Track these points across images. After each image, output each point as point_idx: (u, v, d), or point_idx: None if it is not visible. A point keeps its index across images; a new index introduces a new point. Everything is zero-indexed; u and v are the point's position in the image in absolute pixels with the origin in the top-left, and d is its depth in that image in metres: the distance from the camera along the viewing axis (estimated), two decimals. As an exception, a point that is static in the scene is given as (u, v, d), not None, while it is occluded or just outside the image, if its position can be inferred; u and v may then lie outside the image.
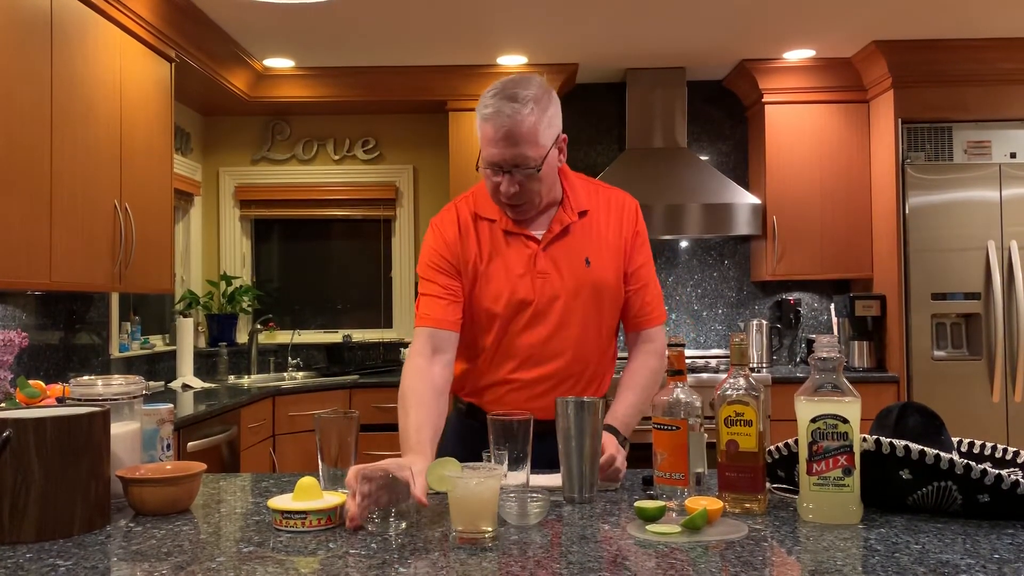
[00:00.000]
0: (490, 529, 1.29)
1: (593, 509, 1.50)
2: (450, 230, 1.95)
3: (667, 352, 1.57)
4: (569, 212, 1.94)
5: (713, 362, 4.90)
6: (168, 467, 1.58)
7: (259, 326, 5.05)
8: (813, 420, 1.39)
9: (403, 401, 1.79)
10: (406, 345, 5.12)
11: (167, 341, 4.83)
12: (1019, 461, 1.55)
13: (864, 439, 1.40)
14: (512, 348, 1.92)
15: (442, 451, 2.05)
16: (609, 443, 1.71)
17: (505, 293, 1.90)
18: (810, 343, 5.09)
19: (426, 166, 5.33)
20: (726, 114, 5.28)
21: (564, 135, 1.91)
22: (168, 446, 1.71)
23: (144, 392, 1.65)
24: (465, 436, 2.02)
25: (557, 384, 1.92)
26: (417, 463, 1.53)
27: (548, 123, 1.84)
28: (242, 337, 5.22)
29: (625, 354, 2.03)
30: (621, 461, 1.70)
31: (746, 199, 4.76)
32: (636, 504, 1.40)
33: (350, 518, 1.38)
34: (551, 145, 1.85)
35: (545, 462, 1.78)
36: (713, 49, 4.67)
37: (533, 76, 1.89)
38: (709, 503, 1.36)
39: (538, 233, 1.93)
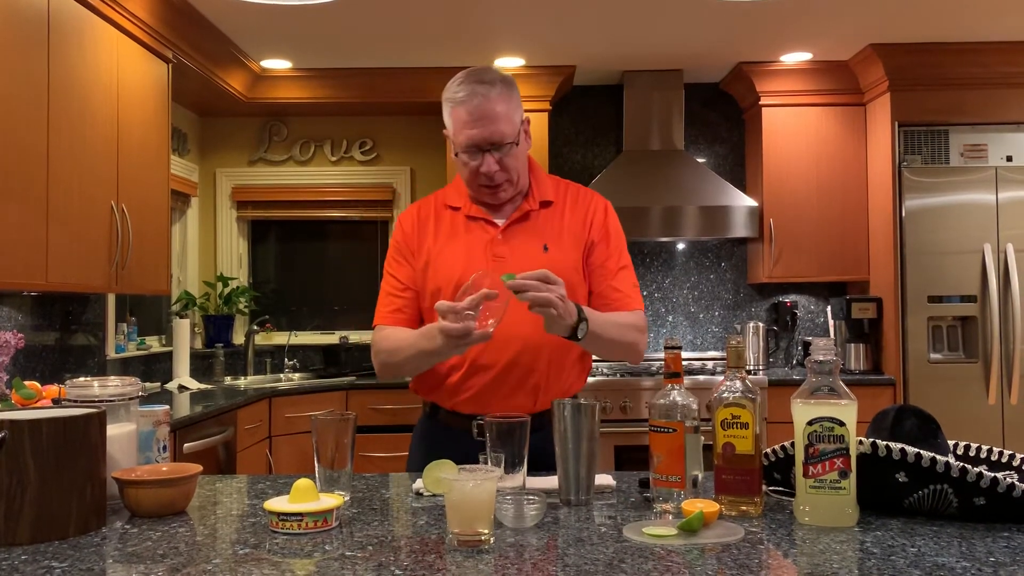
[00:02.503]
0: (486, 531, 1.28)
1: (590, 512, 1.50)
2: (408, 221, 2.04)
3: (664, 354, 1.57)
4: (531, 201, 1.99)
5: (710, 364, 4.90)
6: (164, 469, 1.58)
7: (256, 327, 5.05)
8: (809, 423, 1.39)
9: (389, 345, 1.94)
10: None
11: (163, 342, 4.82)
12: (1015, 464, 1.55)
13: (860, 442, 1.40)
14: None
15: (411, 456, 2.06)
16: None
17: (456, 276, 1.90)
18: (807, 345, 5.09)
19: (423, 168, 5.33)
20: (723, 116, 5.28)
21: (527, 118, 1.97)
22: (164, 447, 1.71)
23: (140, 393, 1.65)
24: (428, 438, 2.03)
25: (507, 375, 1.90)
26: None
27: (515, 104, 1.92)
28: (239, 338, 5.22)
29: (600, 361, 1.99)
30: (555, 294, 1.66)
31: (743, 201, 4.77)
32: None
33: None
34: (520, 125, 1.93)
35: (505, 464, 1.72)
36: (710, 52, 4.67)
37: (491, 67, 1.98)
38: (705, 506, 1.36)
39: (500, 220, 1.98)
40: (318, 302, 5.40)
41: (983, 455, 1.60)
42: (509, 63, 4.76)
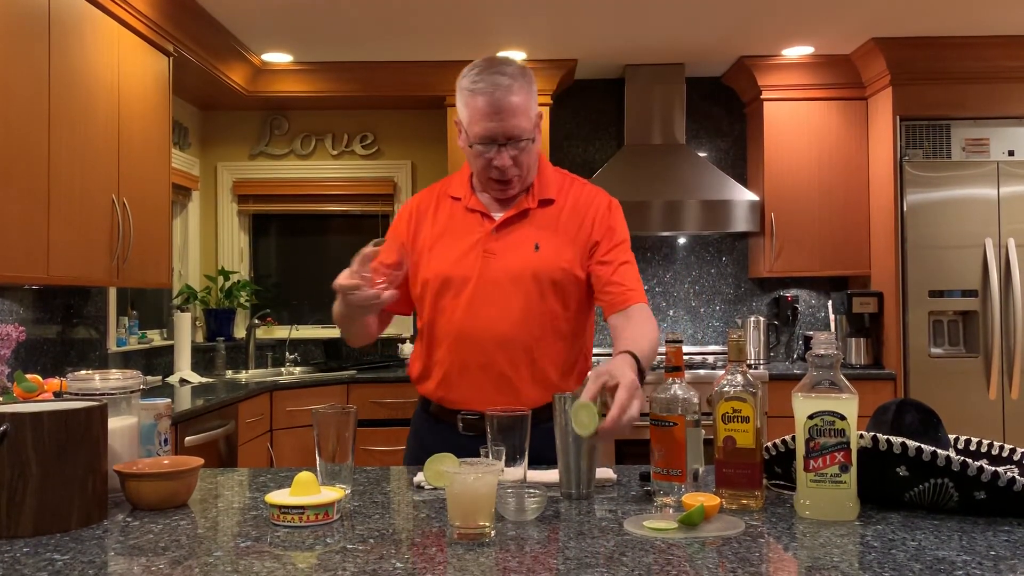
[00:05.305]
0: (487, 524, 1.29)
1: (590, 505, 1.51)
2: (405, 214, 2.04)
3: (665, 348, 1.57)
4: (530, 199, 1.95)
5: (711, 358, 4.90)
6: (165, 462, 1.58)
7: (257, 321, 5.05)
8: (810, 416, 1.39)
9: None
10: (404, 340, 5.13)
11: (165, 336, 4.82)
12: (1015, 458, 1.55)
13: (861, 436, 1.40)
14: (448, 327, 1.91)
15: (407, 448, 2.07)
16: (621, 374, 1.53)
17: (446, 267, 1.91)
18: (807, 340, 5.09)
19: (424, 161, 5.33)
20: (725, 111, 5.28)
21: (540, 112, 1.94)
22: (166, 441, 1.71)
23: (142, 387, 1.65)
24: (420, 431, 2.04)
25: (484, 374, 1.88)
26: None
27: (533, 98, 1.89)
28: (240, 332, 5.22)
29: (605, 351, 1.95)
30: (638, 408, 1.49)
31: (744, 196, 4.77)
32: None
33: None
34: (535, 120, 1.89)
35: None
36: (712, 45, 4.66)
37: (508, 57, 1.92)
38: (706, 499, 1.36)
39: (497, 215, 1.95)
40: (319, 296, 5.40)
41: (984, 449, 1.60)
42: (511, 56, 4.75)
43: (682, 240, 5.26)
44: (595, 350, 1.95)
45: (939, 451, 1.35)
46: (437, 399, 1.98)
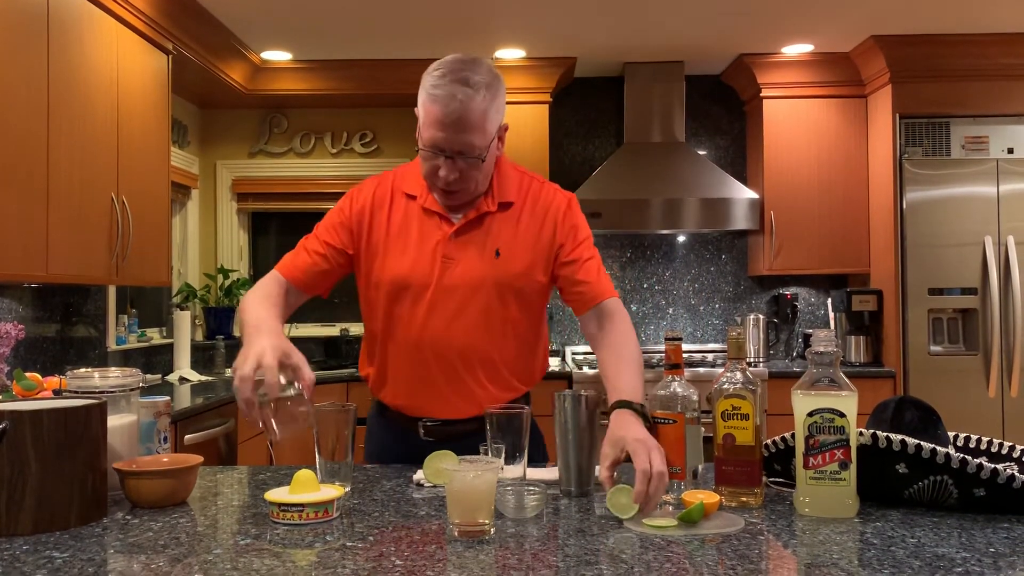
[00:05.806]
0: (487, 522, 1.29)
1: (590, 502, 1.50)
2: (360, 200, 1.90)
3: (664, 346, 1.57)
4: (489, 202, 1.86)
5: (710, 356, 4.90)
6: (165, 460, 1.58)
7: (256, 319, 5.04)
8: (810, 414, 1.39)
9: (247, 301, 1.78)
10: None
11: (164, 334, 4.82)
12: (1015, 456, 1.56)
13: (860, 433, 1.40)
14: (406, 335, 1.85)
15: (367, 451, 2.06)
16: (630, 437, 1.46)
17: (402, 272, 1.84)
18: (807, 337, 5.09)
19: (424, 160, 5.32)
20: (724, 108, 5.27)
21: (506, 124, 1.84)
22: (165, 439, 1.71)
23: (141, 385, 1.65)
24: (378, 434, 2.02)
25: (444, 383, 1.85)
26: (293, 354, 1.55)
27: (496, 111, 1.77)
28: (239, 330, 5.21)
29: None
30: (660, 461, 1.40)
31: (744, 194, 4.76)
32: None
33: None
34: (495, 134, 1.80)
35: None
36: (711, 43, 4.66)
37: (483, 59, 1.81)
38: (706, 497, 1.36)
39: (455, 217, 1.86)
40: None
41: (983, 447, 1.60)
42: (509, 55, 4.75)
43: (682, 238, 5.26)
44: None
45: (938, 448, 1.35)
46: (396, 407, 1.95)
